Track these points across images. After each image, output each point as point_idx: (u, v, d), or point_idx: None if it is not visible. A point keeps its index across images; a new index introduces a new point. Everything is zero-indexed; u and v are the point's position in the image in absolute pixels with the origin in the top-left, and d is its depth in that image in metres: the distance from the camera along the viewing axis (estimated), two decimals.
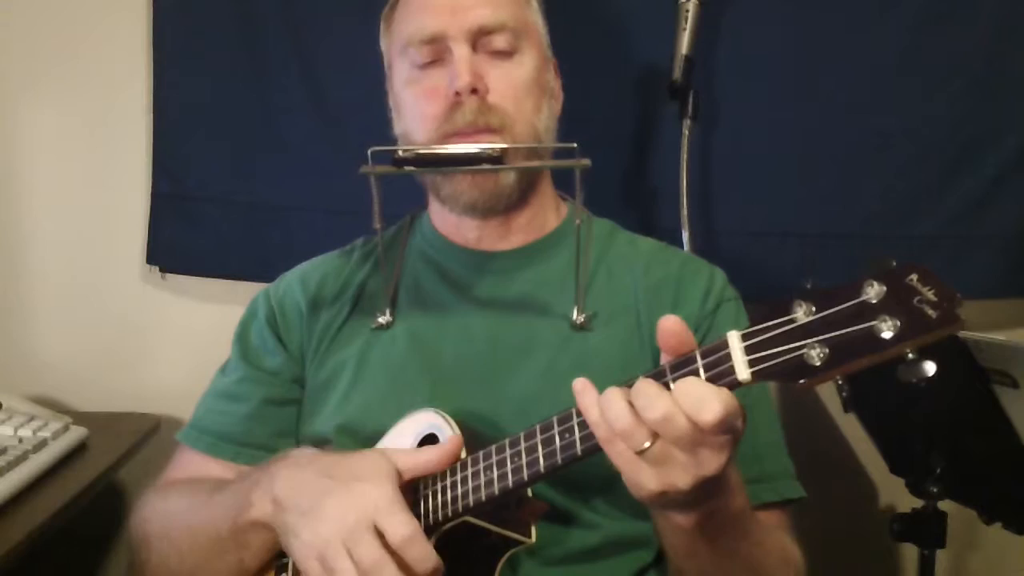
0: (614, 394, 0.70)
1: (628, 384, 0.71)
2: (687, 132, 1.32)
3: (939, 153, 1.44)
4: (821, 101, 1.45)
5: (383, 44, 1.12)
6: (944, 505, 1.25)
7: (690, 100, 1.32)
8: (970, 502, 1.26)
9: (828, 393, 1.56)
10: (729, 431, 0.68)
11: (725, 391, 0.67)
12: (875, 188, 1.45)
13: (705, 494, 0.72)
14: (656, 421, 0.67)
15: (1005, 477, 1.17)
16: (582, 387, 0.73)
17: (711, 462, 0.68)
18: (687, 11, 1.30)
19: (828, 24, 1.44)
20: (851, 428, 1.55)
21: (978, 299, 1.45)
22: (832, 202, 1.46)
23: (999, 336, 1.05)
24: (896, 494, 1.44)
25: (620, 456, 0.70)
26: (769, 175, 1.47)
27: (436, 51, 1.02)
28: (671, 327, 0.71)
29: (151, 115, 1.54)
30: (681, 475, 0.69)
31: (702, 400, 0.66)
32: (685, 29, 1.30)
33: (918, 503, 1.26)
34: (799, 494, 0.99)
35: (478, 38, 1.02)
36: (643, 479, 0.70)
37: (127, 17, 1.54)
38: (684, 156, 1.32)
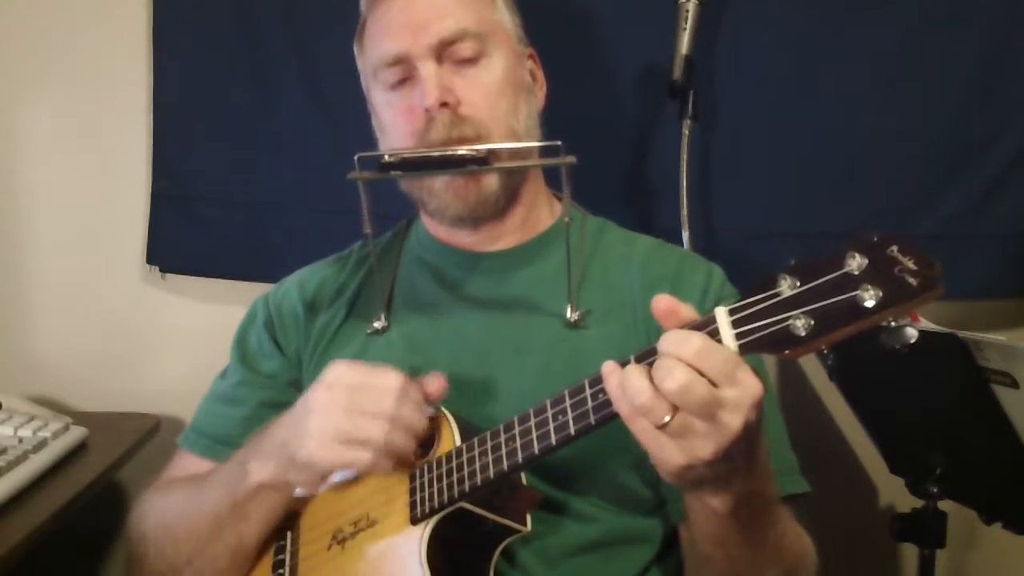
0: (633, 370, 0.70)
1: (622, 363, 0.73)
2: (687, 132, 1.32)
3: (939, 153, 1.44)
4: (821, 101, 1.44)
5: (359, 65, 1.12)
6: (944, 505, 1.25)
7: (690, 100, 1.32)
8: (970, 502, 1.26)
9: (828, 394, 1.56)
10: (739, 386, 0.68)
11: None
12: (875, 188, 1.45)
13: (732, 467, 0.73)
14: (673, 391, 0.67)
15: (1005, 477, 1.17)
16: (610, 370, 0.73)
17: (729, 423, 0.68)
18: (687, 11, 1.29)
19: (828, 24, 1.44)
20: (851, 428, 1.55)
21: (978, 299, 1.45)
22: (832, 202, 1.46)
23: (999, 336, 1.05)
24: (896, 494, 1.44)
25: (644, 433, 0.71)
26: (769, 175, 1.47)
27: (404, 70, 1.03)
28: (665, 307, 0.73)
29: (151, 115, 1.54)
30: (703, 444, 0.69)
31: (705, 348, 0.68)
32: (685, 29, 1.30)
33: (918, 503, 1.26)
34: (804, 489, 1.00)
35: (442, 50, 1.01)
36: (667, 454, 0.70)
37: (127, 17, 1.54)
38: (684, 156, 1.31)
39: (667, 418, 0.68)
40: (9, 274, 1.61)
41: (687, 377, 0.67)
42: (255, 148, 1.52)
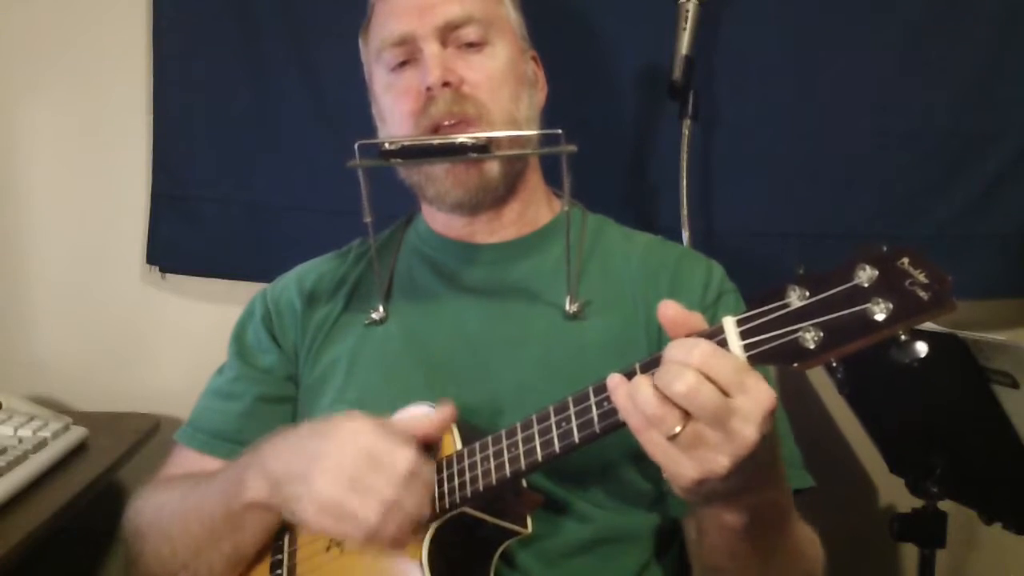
0: (642, 380, 0.69)
1: (626, 373, 0.72)
2: (687, 132, 1.32)
3: (939, 153, 1.44)
4: (821, 101, 1.45)
5: (363, 56, 1.13)
6: (944, 505, 1.25)
7: (690, 100, 1.32)
8: (970, 502, 1.26)
9: (828, 393, 1.56)
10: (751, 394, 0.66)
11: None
12: (875, 188, 1.45)
13: (746, 481, 0.71)
14: (682, 394, 0.66)
15: (1005, 477, 1.17)
16: (616, 383, 0.72)
17: (743, 433, 0.66)
18: (687, 11, 1.29)
19: (828, 24, 1.44)
20: (851, 428, 1.55)
21: (978, 299, 1.45)
22: (832, 202, 1.46)
23: (999, 336, 1.05)
24: (896, 494, 1.44)
25: (656, 446, 0.69)
26: (769, 175, 1.47)
27: (408, 52, 1.04)
28: (673, 314, 0.71)
29: (151, 115, 1.54)
30: (716, 457, 0.67)
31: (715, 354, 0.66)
32: (685, 29, 1.30)
33: (918, 503, 1.26)
34: (808, 483, 1.00)
35: (447, 34, 1.02)
36: (681, 468, 0.69)
37: (127, 17, 1.54)
38: (684, 156, 1.31)
39: (678, 428, 0.67)
40: (9, 274, 1.61)
41: (694, 380, 0.66)
42: (255, 148, 1.52)
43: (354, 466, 0.82)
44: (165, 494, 1.03)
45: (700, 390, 0.66)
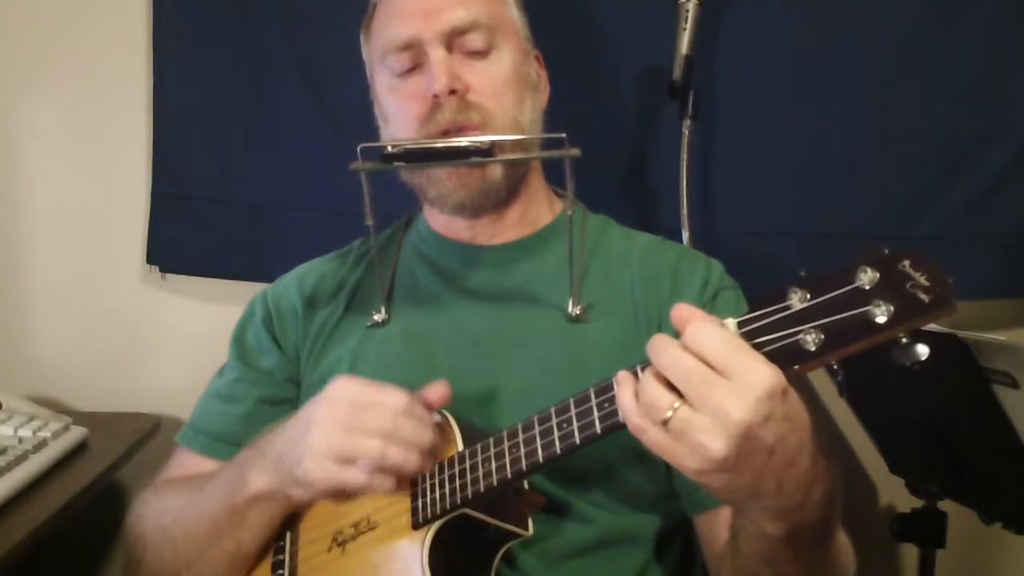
0: (642, 374, 0.69)
1: (632, 371, 0.72)
2: (687, 132, 1.32)
3: (939, 153, 1.44)
4: (821, 101, 1.44)
5: (364, 53, 1.13)
6: (944, 505, 1.25)
7: (690, 100, 1.32)
8: (970, 502, 1.26)
9: (828, 394, 1.56)
10: (739, 372, 0.64)
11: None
12: (875, 188, 1.45)
13: (766, 477, 0.68)
14: (666, 366, 0.65)
15: (1005, 477, 1.17)
16: (622, 378, 0.71)
17: (729, 410, 0.63)
18: (687, 11, 1.29)
19: (828, 24, 1.44)
20: (851, 428, 1.55)
21: (978, 299, 1.45)
22: (832, 202, 1.46)
23: (999, 336, 1.05)
24: (896, 494, 1.44)
25: (654, 443, 0.68)
26: (769, 175, 1.46)
27: (413, 56, 1.03)
28: (685, 316, 0.69)
29: (151, 115, 1.54)
30: (709, 440, 0.64)
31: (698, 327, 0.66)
32: (685, 29, 1.30)
33: (918, 503, 1.26)
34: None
35: (453, 39, 1.02)
36: (680, 459, 0.67)
37: (127, 17, 1.54)
38: (684, 156, 1.31)
39: (669, 413, 0.66)
40: (9, 274, 1.61)
41: (677, 352, 0.65)
42: (255, 148, 1.52)
43: (346, 415, 0.83)
44: (167, 498, 1.03)
45: (681, 360, 0.65)
